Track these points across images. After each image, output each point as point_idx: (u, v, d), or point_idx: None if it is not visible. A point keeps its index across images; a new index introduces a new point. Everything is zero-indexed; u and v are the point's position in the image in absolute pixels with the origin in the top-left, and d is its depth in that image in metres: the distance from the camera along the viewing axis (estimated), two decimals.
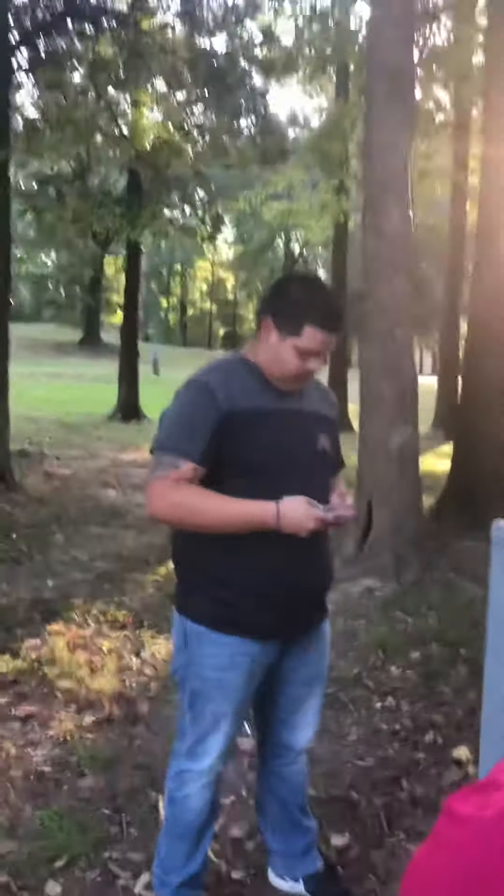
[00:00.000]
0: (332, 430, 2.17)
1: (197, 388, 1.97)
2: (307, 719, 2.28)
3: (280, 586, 2.00)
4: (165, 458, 1.94)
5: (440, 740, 3.42)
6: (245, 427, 1.95)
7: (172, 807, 2.19)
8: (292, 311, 1.94)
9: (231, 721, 2.09)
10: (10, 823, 2.70)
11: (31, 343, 38.13)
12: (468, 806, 0.98)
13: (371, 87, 6.00)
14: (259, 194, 13.89)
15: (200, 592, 2.06)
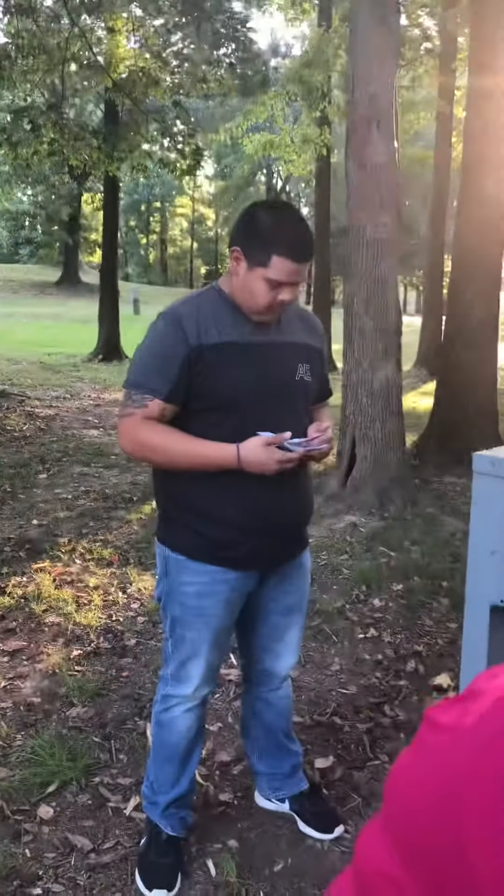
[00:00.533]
0: (315, 360, 2.14)
1: (166, 322, 1.95)
2: (289, 647, 2.33)
3: (257, 518, 2.02)
4: (135, 394, 1.95)
5: (422, 669, 3.51)
6: (215, 361, 1.93)
7: (159, 729, 2.24)
8: (260, 240, 1.88)
9: (211, 647, 2.12)
10: (2, 752, 2.75)
11: (8, 283, 37.49)
12: (449, 716, 1.01)
13: (354, 12, 5.81)
14: (240, 125, 13.52)
15: (179, 523, 2.08)
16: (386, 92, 5.73)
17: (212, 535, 2.03)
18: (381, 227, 5.80)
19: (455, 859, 0.94)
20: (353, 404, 6.05)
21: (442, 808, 0.95)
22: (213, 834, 2.38)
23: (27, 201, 42.08)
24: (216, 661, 2.18)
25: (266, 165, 46.13)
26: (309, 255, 1.92)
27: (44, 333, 21.86)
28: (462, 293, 7.34)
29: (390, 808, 1.05)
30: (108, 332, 16.95)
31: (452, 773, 0.94)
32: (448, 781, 0.95)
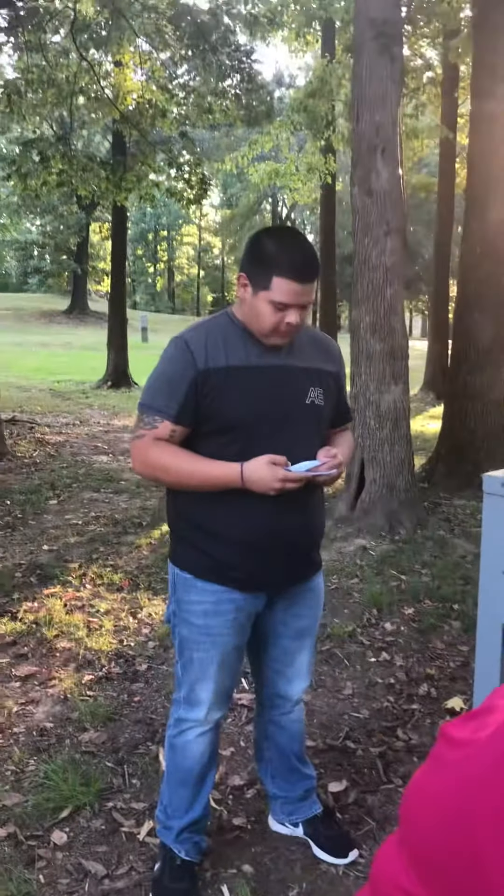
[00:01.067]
0: (329, 383, 2.14)
1: (176, 346, 2.00)
2: (300, 671, 2.32)
3: (264, 539, 2.03)
4: (145, 416, 2.01)
5: (434, 692, 3.49)
6: (223, 384, 1.96)
7: (173, 753, 2.24)
8: (262, 264, 1.92)
9: (220, 668, 2.12)
10: (15, 777, 2.75)
11: (17, 312, 37.81)
12: (464, 731, 1.02)
13: (358, 42, 5.92)
14: (246, 154, 13.70)
15: (188, 542, 2.10)
16: (390, 120, 5.82)
17: (217, 554, 2.04)
18: (387, 252, 5.87)
19: (471, 872, 0.95)
20: (361, 427, 6.07)
21: (457, 821, 0.95)
22: (227, 859, 2.37)
23: (36, 231, 42.58)
24: (226, 684, 2.18)
25: (271, 194, 46.60)
26: (311, 276, 1.94)
27: (53, 361, 22.01)
28: (468, 317, 7.38)
29: (407, 824, 1.06)
30: (117, 359, 17.06)
31: (468, 786, 0.95)
32: (463, 795, 0.95)
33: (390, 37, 5.76)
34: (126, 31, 12.19)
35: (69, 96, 12.01)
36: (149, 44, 12.82)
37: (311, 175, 14.76)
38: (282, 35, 13.86)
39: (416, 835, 1.03)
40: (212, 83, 12.38)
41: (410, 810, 1.05)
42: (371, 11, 5.77)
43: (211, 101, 12.24)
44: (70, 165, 10.48)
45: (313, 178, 14.85)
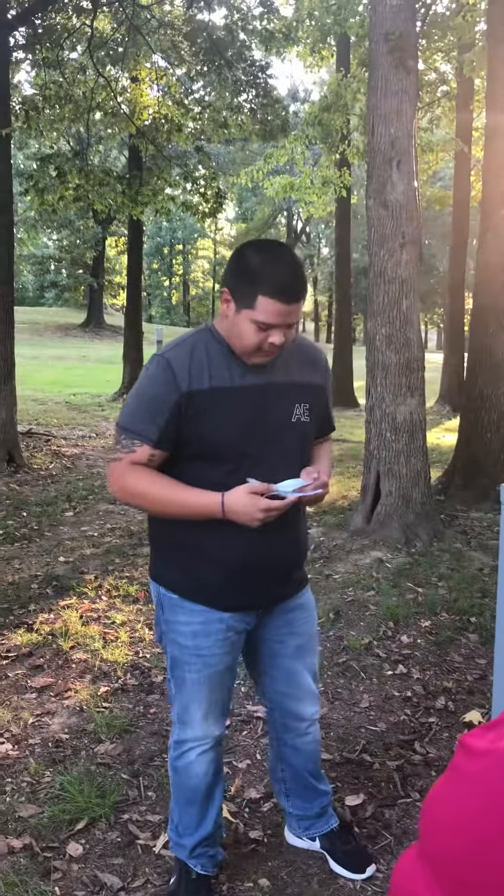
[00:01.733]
0: (314, 397, 2.07)
1: (158, 365, 1.90)
2: (307, 691, 2.27)
3: (247, 559, 1.98)
4: (124, 438, 1.92)
5: (452, 705, 3.46)
6: (207, 407, 1.88)
7: (176, 775, 2.20)
8: (246, 281, 1.82)
9: (213, 688, 2.08)
10: (31, 788, 2.75)
11: (34, 326, 38.09)
12: (483, 741, 1.01)
13: (374, 56, 5.94)
14: (261, 168, 13.76)
15: (171, 562, 2.06)
16: (405, 133, 5.83)
17: (203, 576, 2.00)
18: (402, 264, 5.87)
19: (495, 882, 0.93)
20: (376, 440, 6.06)
21: (479, 831, 0.94)
22: (243, 872, 2.35)
23: (52, 246, 42.95)
24: (221, 702, 2.14)
25: (287, 207, 46.80)
26: (298, 296, 1.84)
27: (69, 374, 22.13)
28: (483, 329, 7.36)
29: (427, 835, 1.05)
30: (133, 372, 17.12)
31: (488, 796, 0.94)
32: (484, 805, 0.94)
33: (405, 50, 5.79)
34: (142, 48, 12.31)
35: (86, 112, 12.14)
36: (165, 60, 12.94)
37: (326, 188, 14.79)
38: (297, 50, 13.93)
39: (437, 846, 1.02)
40: (227, 98, 12.46)
41: (430, 822, 1.04)
42: (386, 25, 5.80)
43: (226, 116, 12.31)
44: (87, 180, 10.56)
45: (328, 192, 14.87)
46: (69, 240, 39.39)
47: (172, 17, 12.60)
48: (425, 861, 1.05)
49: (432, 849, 1.03)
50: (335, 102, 12.44)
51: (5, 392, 8.82)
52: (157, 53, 12.71)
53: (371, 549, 5.80)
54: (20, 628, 4.21)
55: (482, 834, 0.94)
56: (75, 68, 12.61)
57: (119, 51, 12.42)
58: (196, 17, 12.16)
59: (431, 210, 29.08)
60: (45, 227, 34.43)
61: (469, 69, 11.19)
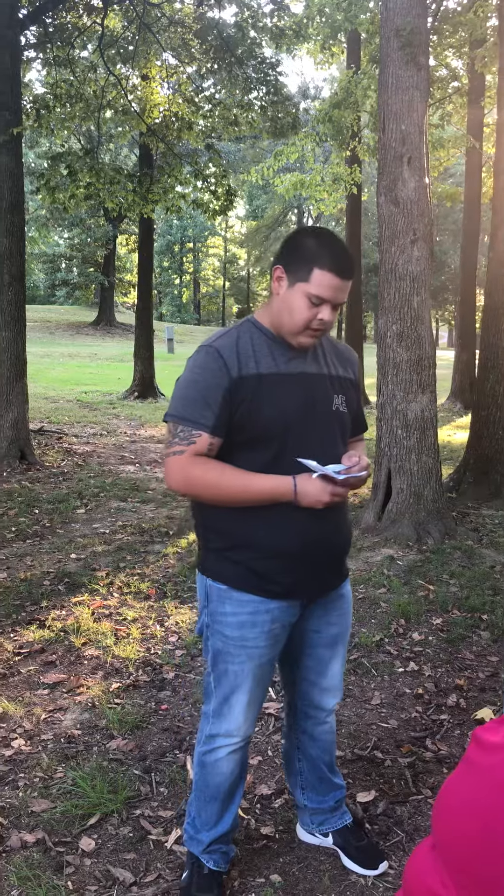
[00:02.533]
0: (349, 391, 2.15)
1: (207, 355, 1.96)
2: (334, 680, 2.30)
3: (297, 547, 2.02)
4: (180, 429, 1.95)
5: (463, 703, 3.45)
6: (255, 391, 1.94)
7: (202, 770, 2.21)
8: (302, 256, 1.92)
9: (255, 681, 2.10)
10: (43, 784, 2.76)
11: (45, 324, 38.21)
12: (497, 735, 1.01)
13: (384, 52, 5.93)
14: (271, 166, 13.75)
15: (220, 552, 2.07)
16: (416, 129, 5.82)
17: (252, 564, 2.02)
18: (413, 260, 5.85)
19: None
20: (388, 437, 6.05)
21: (492, 824, 0.94)
22: (255, 868, 2.36)
23: (63, 244, 43.06)
24: (258, 698, 2.15)
25: (297, 205, 46.76)
26: (350, 272, 1.94)
27: (80, 372, 22.19)
28: (495, 326, 7.33)
29: (440, 828, 1.05)
30: (144, 370, 17.16)
31: (501, 788, 0.94)
32: (497, 797, 0.94)
33: (416, 46, 5.77)
34: (153, 46, 12.32)
35: (97, 110, 12.17)
36: (175, 57, 12.95)
37: (336, 185, 14.76)
38: (307, 47, 13.91)
39: (450, 839, 1.02)
40: (238, 95, 12.46)
41: (443, 815, 1.04)
42: (397, 21, 5.79)
43: (237, 114, 12.32)
44: (97, 178, 10.58)
45: (339, 189, 14.85)
46: (80, 238, 39.51)
47: (183, 15, 12.60)
48: (438, 854, 1.06)
49: (445, 841, 1.04)
50: (345, 99, 12.41)
51: (17, 390, 8.86)
52: (168, 51, 12.72)
53: (382, 546, 5.79)
54: (32, 625, 4.23)
55: (495, 826, 0.94)
56: (86, 67, 12.64)
57: (129, 49, 12.44)
58: (206, 14, 12.16)
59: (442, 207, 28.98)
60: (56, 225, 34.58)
61: (480, 65, 11.15)
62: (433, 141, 13.80)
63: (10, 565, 5.30)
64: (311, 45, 13.65)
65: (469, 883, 1.01)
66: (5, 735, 3.10)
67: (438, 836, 1.06)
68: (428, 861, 1.09)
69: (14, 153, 8.84)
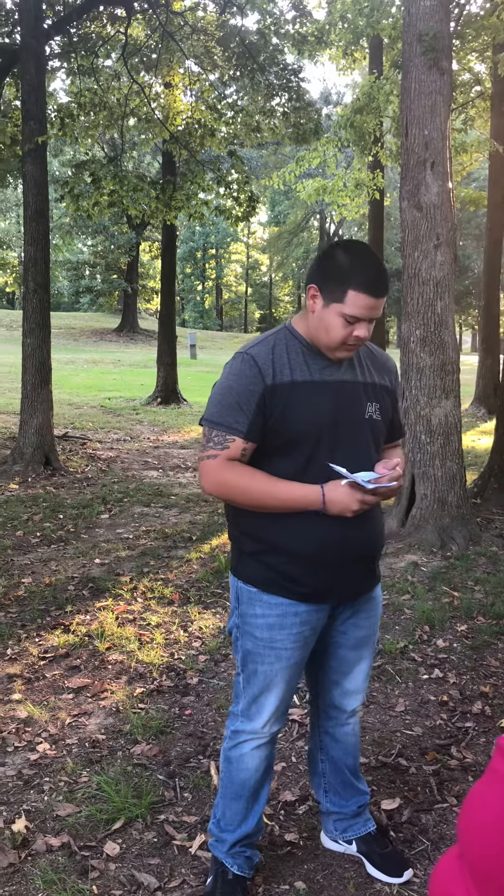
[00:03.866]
0: (386, 399, 2.17)
1: (243, 362, 2.00)
2: (357, 682, 2.31)
3: (329, 552, 2.04)
4: (214, 434, 2.00)
5: (489, 710, 3.43)
6: (288, 399, 1.97)
7: (228, 766, 2.23)
8: (336, 277, 1.93)
9: (283, 682, 2.12)
10: (68, 788, 2.78)
11: (69, 330, 38.50)
12: None
13: (407, 57, 5.92)
14: (293, 171, 13.77)
15: (251, 555, 2.10)
16: (439, 134, 5.80)
17: (283, 567, 2.05)
18: (437, 265, 5.84)
19: None
20: (411, 442, 6.02)
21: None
22: (279, 875, 2.35)
23: (87, 251, 43.39)
24: (287, 697, 2.18)
25: (319, 210, 46.75)
26: (384, 289, 1.95)
27: (104, 378, 22.32)
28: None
29: (466, 838, 1.04)
30: (167, 376, 17.23)
31: None
32: None
33: (439, 51, 5.76)
34: (176, 54, 12.40)
35: (120, 118, 12.26)
36: (198, 65, 13.02)
37: (358, 191, 14.74)
38: (329, 53, 13.91)
39: (477, 848, 1.01)
40: (260, 102, 12.50)
41: (469, 824, 1.04)
42: (420, 26, 5.78)
43: (259, 120, 12.35)
44: (121, 186, 10.66)
45: (361, 194, 14.82)
46: (104, 245, 39.78)
47: (205, 23, 12.67)
48: (464, 863, 1.05)
49: (471, 851, 1.03)
50: (368, 105, 12.40)
51: (42, 396, 8.93)
52: (191, 59, 12.79)
53: (406, 552, 5.76)
54: (57, 629, 4.26)
55: None
56: (109, 75, 12.76)
57: (153, 57, 12.53)
58: (229, 22, 12.22)
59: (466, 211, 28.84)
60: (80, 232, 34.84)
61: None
62: (456, 145, 13.74)
63: (35, 570, 5.34)
64: (333, 51, 13.63)
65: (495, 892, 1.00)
66: (31, 739, 3.12)
67: (464, 846, 1.05)
68: (454, 870, 1.09)
69: (39, 162, 8.93)
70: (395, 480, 2.01)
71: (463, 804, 1.07)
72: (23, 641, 4.10)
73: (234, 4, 11.93)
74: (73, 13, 10.76)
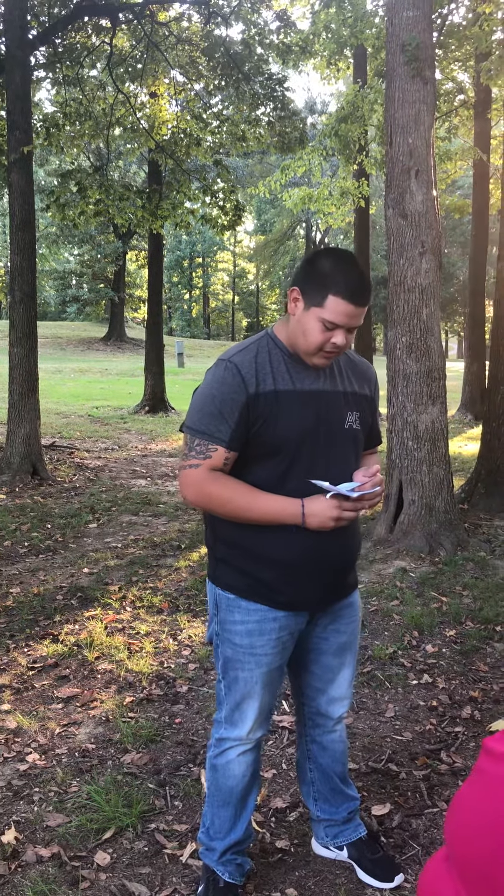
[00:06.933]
0: (366, 408, 2.17)
1: (226, 370, 1.98)
2: (341, 689, 2.31)
3: (307, 560, 2.04)
4: (196, 442, 1.98)
5: (478, 715, 3.44)
6: (271, 408, 1.96)
7: (214, 774, 2.23)
8: (317, 281, 1.92)
9: (264, 687, 2.12)
10: (58, 798, 2.76)
11: (56, 340, 38.41)
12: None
13: (391, 67, 5.97)
14: (279, 180, 13.82)
15: (229, 563, 2.10)
16: (423, 143, 5.85)
17: (261, 575, 2.05)
18: (422, 273, 5.87)
19: None
20: (398, 448, 6.05)
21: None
22: (270, 882, 2.35)
23: (74, 261, 43.38)
24: (269, 702, 2.18)
25: (305, 219, 46.93)
26: (365, 299, 1.94)
27: (91, 387, 22.29)
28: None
29: (453, 839, 1.05)
30: (154, 385, 17.22)
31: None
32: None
33: (422, 60, 5.81)
34: (161, 64, 12.45)
35: (106, 128, 12.30)
36: (183, 75, 13.08)
37: (344, 199, 14.82)
38: (314, 63, 14.00)
39: (463, 849, 1.02)
40: (245, 111, 12.56)
41: (457, 825, 1.04)
42: (403, 36, 5.83)
43: (244, 129, 12.41)
44: (107, 195, 10.68)
45: (347, 202, 14.90)
46: (90, 254, 39.80)
47: (190, 34, 12.73)
48: (452, 864, 1.06)
49: (458, 851, 1.04)
50: (352, 113, 12.48)
51: (29, 405, 8.91)
52: (176, 69, 12.84)
53: (394, 558, 5.78)
54: (46, 639, 4.24)
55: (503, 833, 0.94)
56: (95, 85, 12.79)
57: (138, 67, 12.57)
58: (213, 32, 12.28)
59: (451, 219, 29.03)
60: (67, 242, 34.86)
61: (486, 78, 11.19)
62: (440, 153, 13.85)
63: (24, 580, 5.32)
64: (317, 61, 13.71)
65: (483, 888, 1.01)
66: (20, 749, 3.11)
67: (451, 847, 1.06)
68: (442, 872, 1.09)
69: (25, 171, 8.94)
70: (377, 486, 2.01)
71: (450, 805, 1.08)
72: (11, 651, 4.08)
73: (219, 15, 11.99)
74: (59, 24, 10.78)
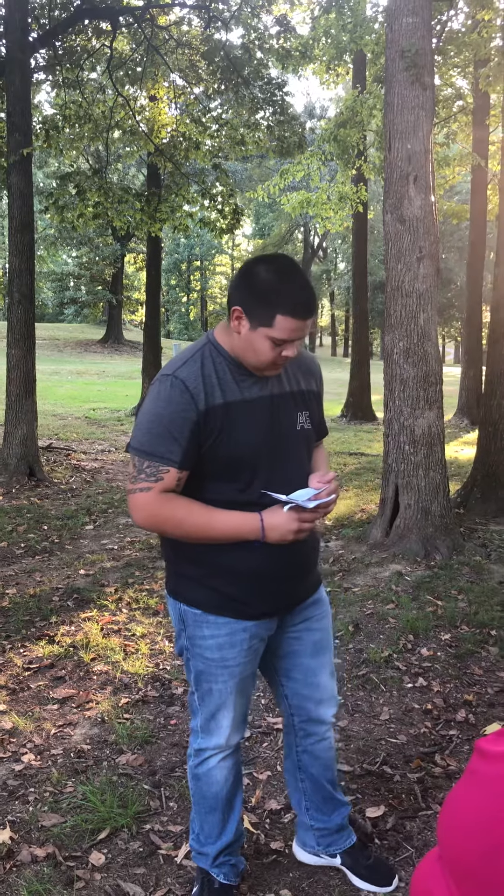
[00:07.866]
0: (313, 404, 2.14)
1: (172, 387, 1.88)
2: (326, 691, 2.27)
3: (272, 568, 2.02)
4: (146, 465, 1.89)
5: (472, 718, 3.45)
6: (222, 422, 1.91)
7: (197, 783, 2.22)
8: (262, 300, 1.84)
9: (239, 695, 2.12)
10: (53, 798, 2.77)
11: (54, 342, 38.42)
12: (499, 745, 1.02)
13: (390, 73, 6.00)
14: (277, 184, 13.86)
15: (191, 578, 2.06)
16: (422, 148, 5.87)
17: (227, 589, 2.02)
18: (419, 278, 5.90)
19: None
20: (395, 453, 6.07)
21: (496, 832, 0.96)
22: (265, 883, 2.36)
23: (72, 263, 43.39)
24: (244, 707, 2.17)
25: (303, 223, 47.01)
26: (313, 311, 1.88)
27: (88, 389, 22.30)
28: (501, 341, 7.36)
29: (446, 839, 1.06)
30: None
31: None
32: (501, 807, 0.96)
33: (421, 67, 5.84)
34: (161, 67, 12.49)
35: (105, 131, 12.32)
36: (183, 79, 13.11)
37: (342, 204, 14.85)
38: (313, 68, 14.04)
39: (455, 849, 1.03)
40: (244, 116, 12.60)
41: (449, 825, 1.06)
42: (402, 42, 5.86)
43: (244, 133, 12.45)
44: (106, 198, 10.71)
45: (345, 207, 14.94)
46: (88, 257, 39.83)
47: (190, 37, 12.77)
48: (445, 864, 1.07)
49: (450, 852, 1.05)
50: (351, 119, 12.52)
51: (26, 407, 8.92)
52: (175, 72, 12.88)
53: (390, 562, 5.79)
54: (42, 640, 4.25)
55: (499, 834, 0.96)
56: (95, 88, 12.82)
57: (138, 70, 12.61)
58: (213, 36, 12.32)
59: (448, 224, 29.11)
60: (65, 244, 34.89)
61: (485, 84, 11.24)
62: (439, 159, 13.90)
63: (20, 581, 5.32)
64: (316, 66, 13.76)
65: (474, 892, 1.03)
66: (15, 750, 3.11)
67: (444, 847, 1.08)
68: (434, 871, 1.11)
69: (24, 173, 8.95)
70: (333, 493, 1.97)
71: (443, 805, 1.09)
72: (7, 652, 4.09)
73: (219, 19, 12.03)
74: (59, 26, 10.81)
